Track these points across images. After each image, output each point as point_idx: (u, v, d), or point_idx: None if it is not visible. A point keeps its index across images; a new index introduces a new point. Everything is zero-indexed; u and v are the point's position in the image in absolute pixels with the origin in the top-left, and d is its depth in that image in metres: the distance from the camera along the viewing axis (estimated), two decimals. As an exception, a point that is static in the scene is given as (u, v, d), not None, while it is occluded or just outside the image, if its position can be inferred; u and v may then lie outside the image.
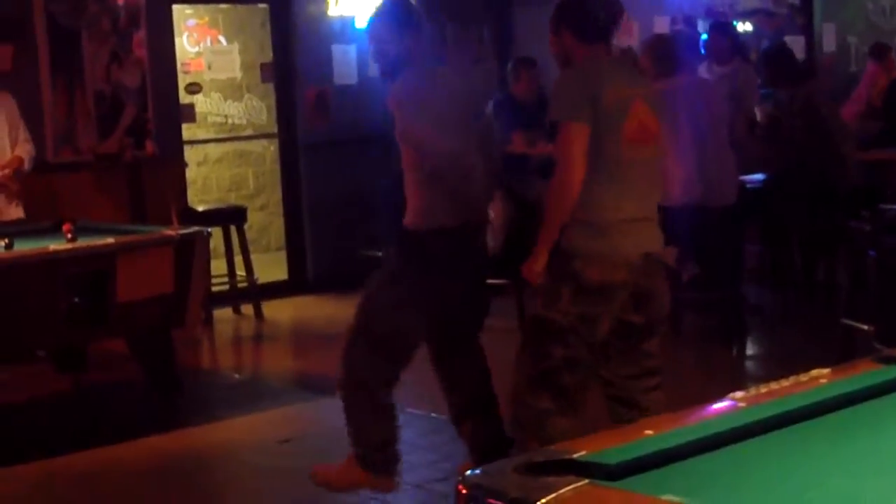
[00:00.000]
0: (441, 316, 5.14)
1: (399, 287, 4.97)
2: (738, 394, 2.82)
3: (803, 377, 2.92)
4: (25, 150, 7.72)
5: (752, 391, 2.84)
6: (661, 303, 4.66)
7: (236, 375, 8.08)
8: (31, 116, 8.14)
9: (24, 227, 7.35)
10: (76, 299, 6.20)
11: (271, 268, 10.46)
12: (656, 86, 7.52)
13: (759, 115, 9.39)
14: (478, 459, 5.08)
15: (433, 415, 6.46)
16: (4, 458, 5.96)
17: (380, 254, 9.89)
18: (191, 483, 5.76)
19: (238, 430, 6.50)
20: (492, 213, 8.28)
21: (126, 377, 7.10)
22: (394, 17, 5.06)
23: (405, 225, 4.99)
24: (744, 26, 12.79)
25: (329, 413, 6.69)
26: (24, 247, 6.42)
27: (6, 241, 6.35)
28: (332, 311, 9.43)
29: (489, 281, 8.44)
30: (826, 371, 2.95)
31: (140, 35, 9.16)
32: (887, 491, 2.28)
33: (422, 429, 6.32)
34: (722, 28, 10.17)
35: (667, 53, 7.69)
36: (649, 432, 2.52)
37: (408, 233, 4.99)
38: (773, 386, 2.86)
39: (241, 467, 5.98)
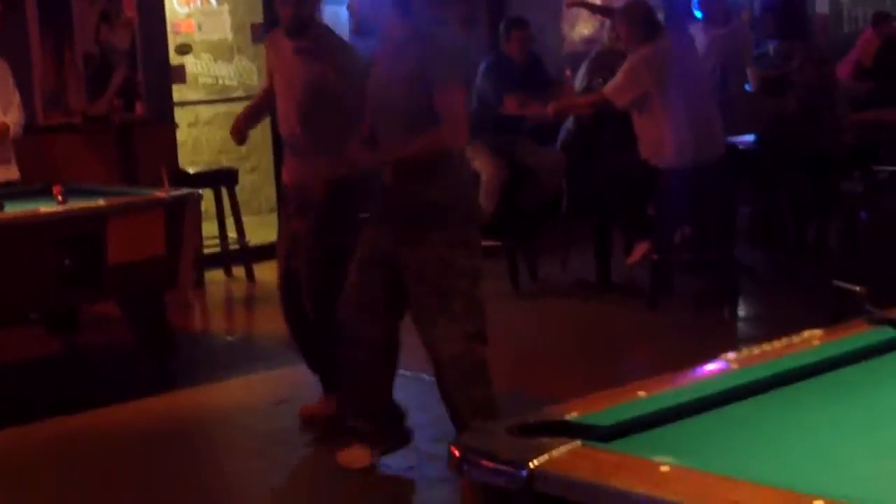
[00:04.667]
0: None
1: None
2: (731, 355, 2.82)
3: (795, 338, 2.92)
4: (14, 117, 7.62)
5: (745, 352, 2.84)
6: None
7: (229, 338, 8.08)
8: (21, 78, 8.07)
9: (15, 189, 7.32)
10: (67, 261, 6.18)
11: (262, 230, 10.43)
12: (640, 51, 7.54)
13: (750, 75, 9.37)
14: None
15: (425, 376, 6.46)
16: (-3, 420, 5.97)
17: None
18: (185, 445, 5.77)
19: (232, 392, 6.51)
20: (483, 175, 8.30)
21: (118, 340, 7.09)
22: None
23: None
24: (736, -14, 12.73)
25: (322, 375, 6.69)
26: (14, 209, 6.40)
27: (-3, 203, 6.34)
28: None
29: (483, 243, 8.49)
30: (818, 332, 2.95)
31: (130, -4, 9.11)
32: (877, 449, 2.30)
33: (414, 391, 6.32)
34: None
35: (642, 18, 7.65)
36: (642, 394, 2.53)
37: None
38: (766, 347, 2.86)
39: (236, 429, 5.99)
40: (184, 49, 11.24)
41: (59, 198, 6.50)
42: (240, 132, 5.94)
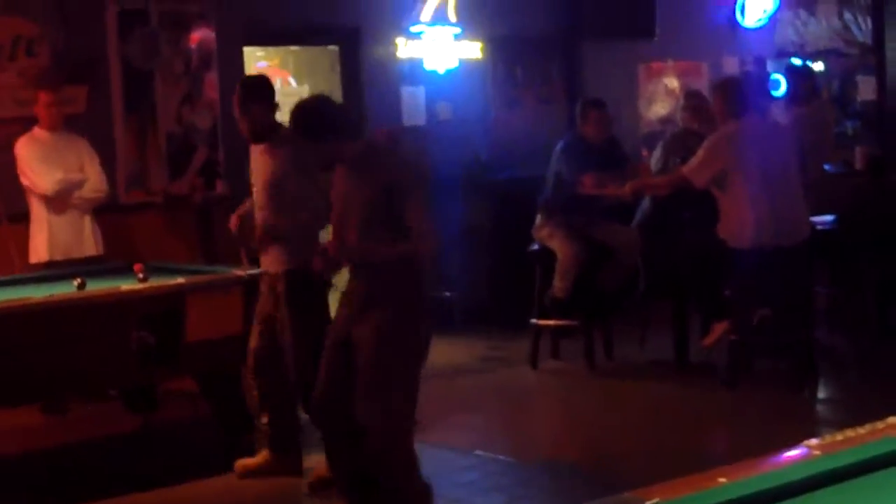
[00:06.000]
0: None
1: None
2: (813, 441, 2.78)
3: (879, 424, 2.88)
4: (91, 184, 7.97)
5: (827, 439, 2.80)
6: None
7: (305, 415, 8.09)
8: (104, 157, 8.27)
9: (97, 266, 7.44)
10: (146, 339, 6.25)
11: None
12: (724, 128, 7.54)
13: (859, 153, 9.33)
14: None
15: (501, 457, 6.44)
16: (76, 496, 6.01)
17: (447, 294, 9.90)
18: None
19: (308, 469, 6.49)
20: (559, 255, 8.30)
21: (196, 416, 7.13)
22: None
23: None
24: (815, 66, 12.72)
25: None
26: (96, 287, 6.50)
27: (79, 280, 6.44)
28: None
29: (558, 322, 8.49)
30: (902, 418, 2.90)
31: (212, 77, 9.27)
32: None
33: (489, 471, 6.30)
34: (800, 71, 10.12)
35: (738, 95, 7.65)
36: (722, 480, 2.49)
37: None
38: (849, 433, 2.82)
39: (311, 507, 5.99)
40: (264, 129, 11.38)
41: (140, 275, 6.59)
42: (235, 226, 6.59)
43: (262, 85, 6.49)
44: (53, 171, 7.82)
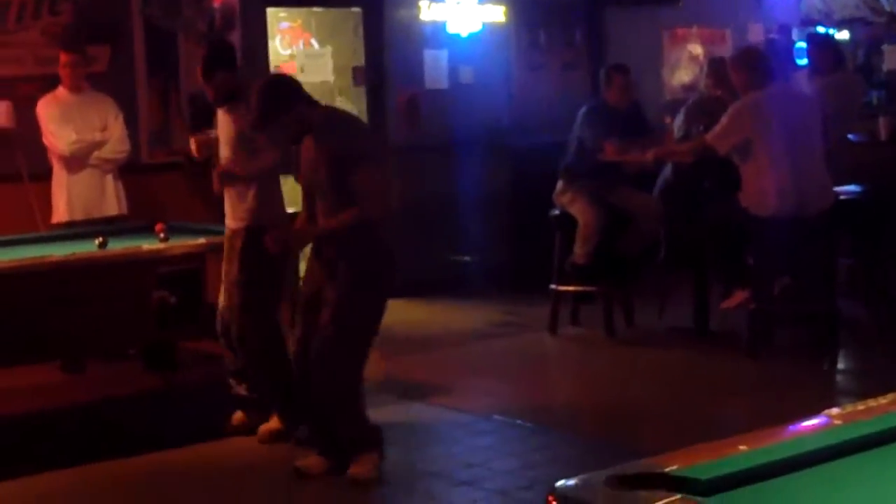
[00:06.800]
0: None
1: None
2: (833, 411, 2.78)
3: (899, 394, 2.87)
4: (111, 146, 8.02)
5: (848, 408, 2.80)
6: None
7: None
8: (127, 117, 8.27)
9: (119, 226, 7.46)
10: (167, 299, 6.27)
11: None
12: (747, 97, 7.49)
13: (883, 124, 9.26)
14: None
15: (518, 422, 6.45)
16: (95, 454, 6.04)
17: (467, 258, 9.90)
18: (279, 482, 5.79)
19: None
20: (580, 220, 8.28)
21: (215, 376, 7.15)
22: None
23: None
24: (840, 35, 12.62)
25: (415, 415, 6.72)
26: (118, 246, 6.51)
27: (101, 239, 6.46)
28: (420, 316, 9.44)
29: (577, 288, 8.47)
30: (922, 389, 2.90)
31: (234, 37, 9.24)
32: None
33: (507, 436, 6.32)
34: (823, 40, 10.03)
35: (759, 64, 7.60)
36: (743, 448, 2.49)
37: None
38: (870, 403, 2.81)
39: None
40: (286, 90, 11.35)
41: (161, 235, 6.61)
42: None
43: (227, 50, 6.61)
44: (69, 131, 7.83)
